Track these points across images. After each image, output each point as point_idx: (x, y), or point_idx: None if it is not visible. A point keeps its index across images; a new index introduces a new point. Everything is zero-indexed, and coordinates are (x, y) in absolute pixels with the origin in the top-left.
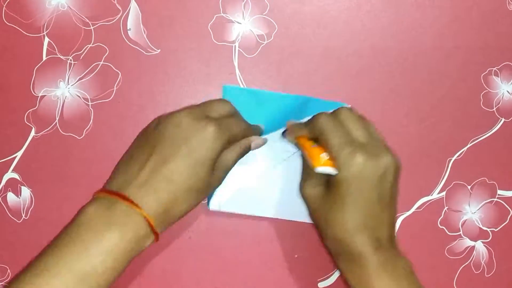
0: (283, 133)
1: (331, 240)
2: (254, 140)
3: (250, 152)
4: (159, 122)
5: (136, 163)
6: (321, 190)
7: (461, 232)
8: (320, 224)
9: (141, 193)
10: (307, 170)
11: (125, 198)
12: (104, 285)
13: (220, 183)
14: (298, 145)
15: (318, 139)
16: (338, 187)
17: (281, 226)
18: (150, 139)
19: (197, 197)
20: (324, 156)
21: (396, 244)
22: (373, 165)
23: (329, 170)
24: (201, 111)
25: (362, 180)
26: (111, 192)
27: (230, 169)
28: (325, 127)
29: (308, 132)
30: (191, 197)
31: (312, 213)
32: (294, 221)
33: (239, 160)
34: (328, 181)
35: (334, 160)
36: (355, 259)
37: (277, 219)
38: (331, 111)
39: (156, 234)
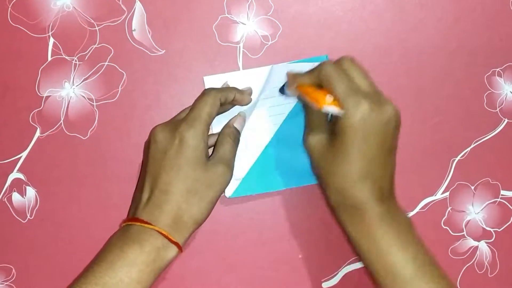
0: (281, 88)
1: (334, 190)
2: (235, 121)
3: (248, 133)
4: (144, 148)
5: (138, 189)
6: (325, 140)
7: (464, 232)
8: (323, 175)
9: (148, 211)
10: (310, 122)
11: (137, 220)
12: None
13: (229, 176)
14: (300, 94)
15: (322, 87)
16: (343, 134)
17: (285, 227)
18: (142, 164)
19: (202, 198)
20: (329, 98)
21: (395, 198)
22: (378, 112)
23: (336, 110)
24: (173, 120)
25: (367, 126)
26: (128, 219)
27: (231, 162)
28: (331, 74)
29: (312, 80)
30: (195, 200)
31: (316, 165)
32: (298, 211)
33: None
34: (332, 130)
35: (340, 106)
36: (357, 209)
37: (279, 219)
38: (334, 60)
39: (176, 244)
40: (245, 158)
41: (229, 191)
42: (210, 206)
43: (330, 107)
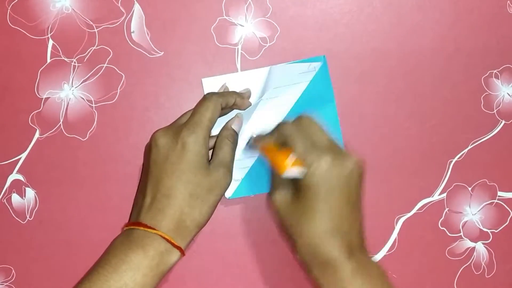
0: (247, 143)
1: (303, 248)
2: (232, 123)
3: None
4: (145, 151)
5: (140, 193)
6: (290, 196)
7: (461, 233)
8: (291, 232)
9: (150, 216)
10: (275, 180)
11: (140, 225)
12: None
13: (229, 179)
14: (264, 154)
15: (284, 145)
16: (307, 190)
17: None
18: (143, 168)
19: (203, 202)
20: (291, 158)
21: (366, 249)
22: (339, 165)
23: (296, 172)
24: (175, 125)
25: (330, 180)
26: (131, 223)
27: (230, 165)
28: (290, 132)
29: (274, 139)
30: (197, 204)
31: (283, 222)
32: None
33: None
34: (297, 187)
35: (301, 163)
36: (329, 266)
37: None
38: (293, 119)
39: (179, 248)
40: (244, 159)
41: (228, 192)
42: (212, 209)
43: (290, 171)
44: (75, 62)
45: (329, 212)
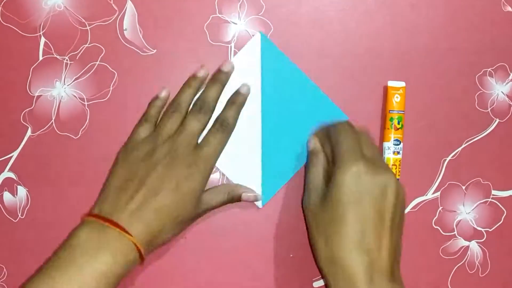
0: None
1: (325, 258)
2: (246, 192)
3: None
4: (150, 156)
5: (126, 193)
6: (320, 203)
7: (455, 232)
8: (316, 238)
9: (131, 221)
10: (307, 184)
11: (116, 225)
12: None
13: (200, 216)
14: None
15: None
16: (337, 188)
17: (276, 226)
18: (139, 171)
19: (182, 227)
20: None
21: (396, 279)
22: (372, 177)
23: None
24: (191, 146)
25: (360, 187)
26: (103, 217)
27: (212, 209)
28: (344, 129)
29: (323, 131)
30: (176, 227)
31: (310, 229)
32: (291, 214)
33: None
34: (328, 193)
35: (339, 161)
36: (350, 282)
37: (271, 218)
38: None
39: (142, 259)
40: (250, 162)
41: (259, 202)
42: (178, 234)
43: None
44: (67, 60)
45: (356, 223)
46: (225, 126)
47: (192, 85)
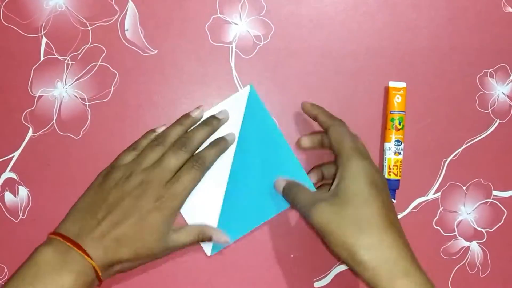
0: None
1: (364, 244)
2: (217, 234)
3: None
4: (123, 183)
5: (93, 218)
6: (333, 209)
7: (456, 233)
8: (356, 242)
9: (94, 246)
10: (308, 196)
11: (80, 248)
12: None
13: (167, 254)
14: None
15: (332, 142)
16: (355, 182)
17: (277, 226)
18: (109, 197)
19: (142, 261)
20: None
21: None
22: (374, 168)
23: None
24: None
25: (368, 174)
26: (68, 239)
27: (179, 248)
28: (346, 131)
29: (329, 132)
30: (135, 260)
31: (333, 237)
32: (285, 221)
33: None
34: (336, 198)
35: (343, 157)
36: (393, 262)
37: (271, 218)
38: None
39: (100, 281)
40: (209, 209)
41: (208, 249)
42: (137, 267)
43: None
44: (68, 60)
45: (382, 205)
46: (200, 164)
47: (183, 123)
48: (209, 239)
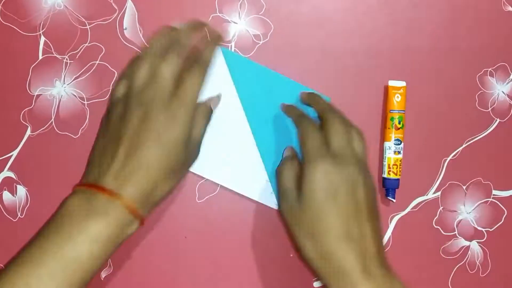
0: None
1: (316, 255)
2: (211, 101)
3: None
4: (124, 112)
5: (108, 154)
6: (298, 205)
7: (456, 232)
8: (302, 240)
9: (119, 183)
10: (280, 189)
11: (104, 190)
12: (90, 271)
13: (196, 157)
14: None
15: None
16: (311, 194)
17: (276, 225)
18: (118, 133)
19: (176, 176)
20: None
21: (386, 265)
22: (340, 171)
23: None
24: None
25: (331, 183)
26: (89, 184)
27: (201, 141)
28: (308, 129)
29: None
30: (170, 178)
31: (294, 233)
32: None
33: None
34: (302, 195)
35: (304, 159)
36: (344, 275)
37: (271, 217)
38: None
39: (141, 219)
40: (252, 167)
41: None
42: (177, 185)
43: None
44: (67, 59)
45: (337, 217)
46: (201, 63)
47: (164, 33)
48: (211, 112)
